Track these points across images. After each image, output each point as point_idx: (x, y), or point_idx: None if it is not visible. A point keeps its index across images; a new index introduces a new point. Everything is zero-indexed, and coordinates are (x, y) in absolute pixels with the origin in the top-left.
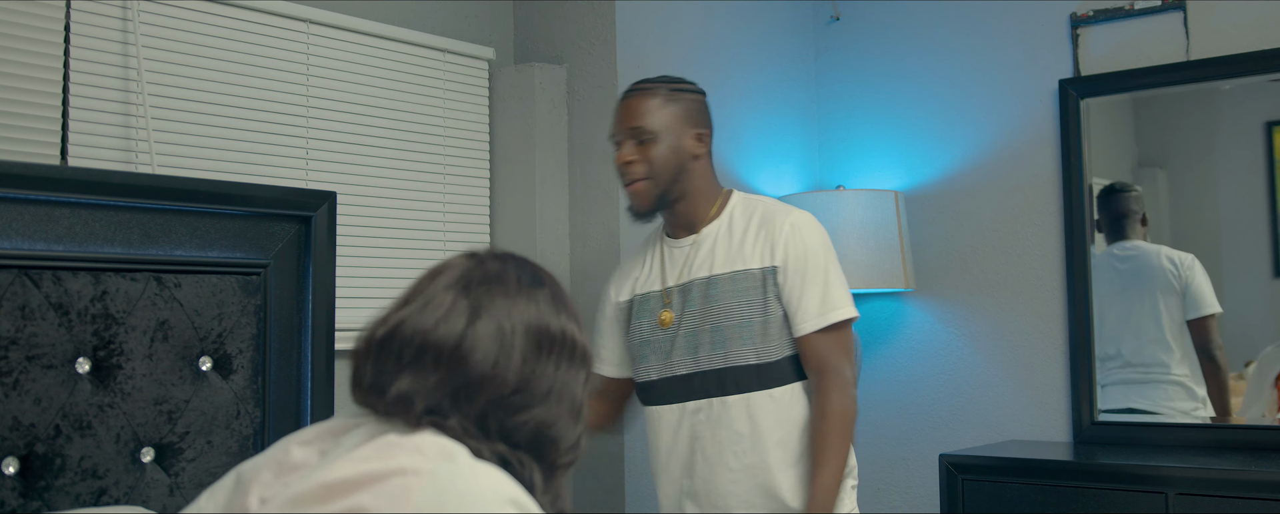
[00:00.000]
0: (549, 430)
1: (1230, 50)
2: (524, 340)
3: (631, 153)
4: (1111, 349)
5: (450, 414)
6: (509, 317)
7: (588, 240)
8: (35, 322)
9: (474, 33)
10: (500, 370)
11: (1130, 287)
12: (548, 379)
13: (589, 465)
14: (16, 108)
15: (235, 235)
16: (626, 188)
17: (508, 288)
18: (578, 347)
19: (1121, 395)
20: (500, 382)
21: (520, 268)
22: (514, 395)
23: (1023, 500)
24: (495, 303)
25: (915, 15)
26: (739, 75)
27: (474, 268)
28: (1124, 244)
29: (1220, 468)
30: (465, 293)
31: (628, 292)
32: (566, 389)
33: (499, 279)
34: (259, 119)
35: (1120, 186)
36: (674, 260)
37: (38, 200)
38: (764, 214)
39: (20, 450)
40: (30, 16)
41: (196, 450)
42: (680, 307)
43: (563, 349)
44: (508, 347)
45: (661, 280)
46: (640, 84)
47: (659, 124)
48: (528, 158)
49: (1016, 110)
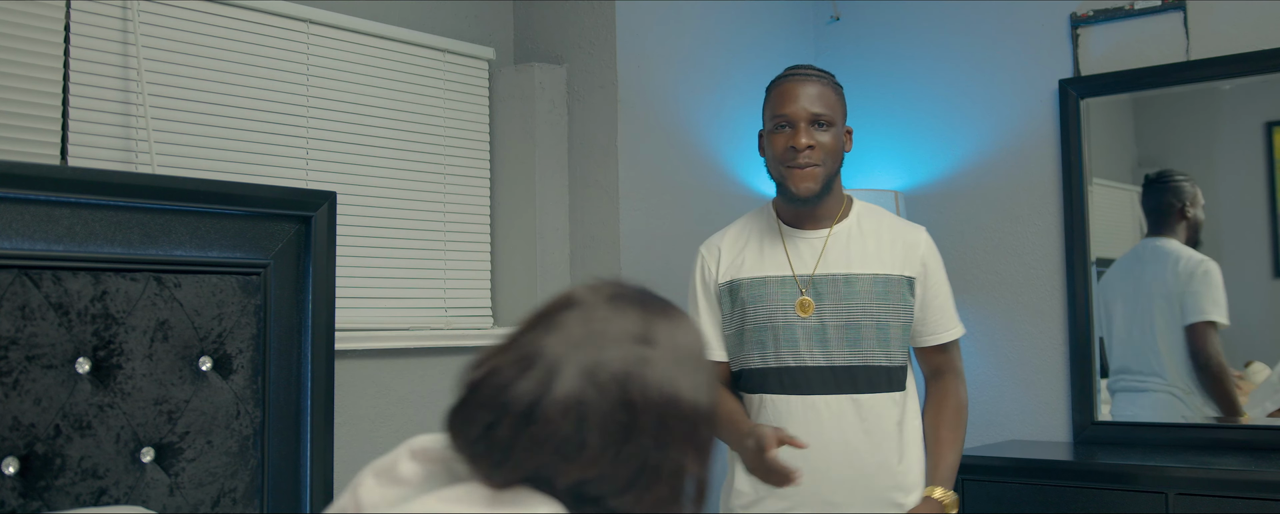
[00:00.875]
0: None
1: (1230, 50)
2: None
3: (811, 137)
4: (1117, 357)
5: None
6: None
7: (588, 240)
8: (35, 322)
9: (474, 33)
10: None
11: (1138, 289)
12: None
13: None
14: (16, 108)
15: (235, 235)
16: (796, 171)
17: (605, 341)
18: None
19: (1118, 403)
20: (591, 458)
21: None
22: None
23: (1023, 500)
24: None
25: (915, 15)
26: (739, 75)
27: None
28: (1154, 241)
29: (1220, 468)
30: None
31: (729, 273)
32: (685, 468)
33: (599, 336)
34: (259, 119)
35: (1163, 176)
36: (800, 251)
37: (38, 200)
38: (894, 223)
39: (20, 450)
40: (30, 16)
41: (196, 450)
42: (815, 298)
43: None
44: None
45: (789, 267)
46: (807, 70)
47: (834, 112)
48: (528, 158)
49: (1016, 110)
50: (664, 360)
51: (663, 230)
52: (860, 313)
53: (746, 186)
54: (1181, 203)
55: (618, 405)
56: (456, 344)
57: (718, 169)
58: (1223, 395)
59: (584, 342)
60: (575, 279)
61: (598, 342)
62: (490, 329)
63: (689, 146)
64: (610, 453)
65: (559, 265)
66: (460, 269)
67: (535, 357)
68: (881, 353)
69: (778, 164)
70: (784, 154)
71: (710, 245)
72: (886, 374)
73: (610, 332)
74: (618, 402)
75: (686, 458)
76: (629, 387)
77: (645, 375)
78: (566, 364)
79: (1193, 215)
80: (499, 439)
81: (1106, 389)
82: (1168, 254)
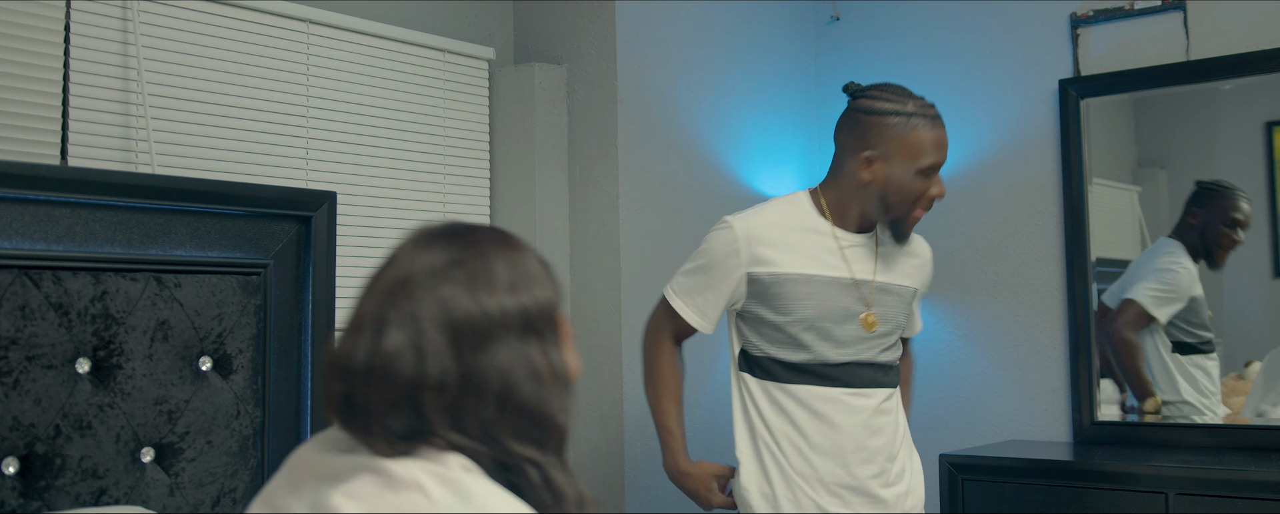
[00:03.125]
0: (523, 409)
1: (1230, 50)
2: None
3: (941, 186)
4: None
5: (429, 432)
6: (414, 320)
7: (588, 240)
8: (35, 322)
9: (474, 33)
10: (427, 373)
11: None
12: (489, 364)
13: (589, 465)
14: (16, 108)
15: (235, 235)
16: (915, 216)
17: (413, 286)
18: (513, 317)
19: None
20: (436, 384)
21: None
22: (464, 392)
23: (1023, 500)
24: (399, 307)
25: (915, 15)
26: (739, 75)
27: (387, 269)
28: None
29: (1220, 468)
30: (381, 305)
31: (768, 266)
32: (520, 364)
33: (406, 282)
34: (259, 119)
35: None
36: (849, 256)
37: (38, 200)
38: (915, 238)
39: (20, 450)
40: (30, 16)
41: (196, 450)
42: (877, 306)
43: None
44: (425, 348)
45: (848, 269)
46: (934, 109)
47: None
48: (528, 158)
49: (1016, 110)
50: (469, 280)
51: (663, 230)
52: (894, 324)
53: (747, 186)
54: (1199, 211)
55: (442, 332)
56: None
57: (718, 169)
58: (1129, 373)
59: (396, 287)
60: (575, 279)
61: (407, 284)
62: None
63: (689, 146)
64: (454, 378)
65: (559, 265)
66: None
67: (361, 317)
68: (894, 352)
69: (906, 203)
70: (922, 200)
71: (748, 231)
72: (894, 371)
73: (417, 270)
74: (442, 329)
75: (527, 352)
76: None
77: (455, 299)
78: (387, 312)
79: (1149, 221)
80: (358, 404)
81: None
82: (1160, 245)
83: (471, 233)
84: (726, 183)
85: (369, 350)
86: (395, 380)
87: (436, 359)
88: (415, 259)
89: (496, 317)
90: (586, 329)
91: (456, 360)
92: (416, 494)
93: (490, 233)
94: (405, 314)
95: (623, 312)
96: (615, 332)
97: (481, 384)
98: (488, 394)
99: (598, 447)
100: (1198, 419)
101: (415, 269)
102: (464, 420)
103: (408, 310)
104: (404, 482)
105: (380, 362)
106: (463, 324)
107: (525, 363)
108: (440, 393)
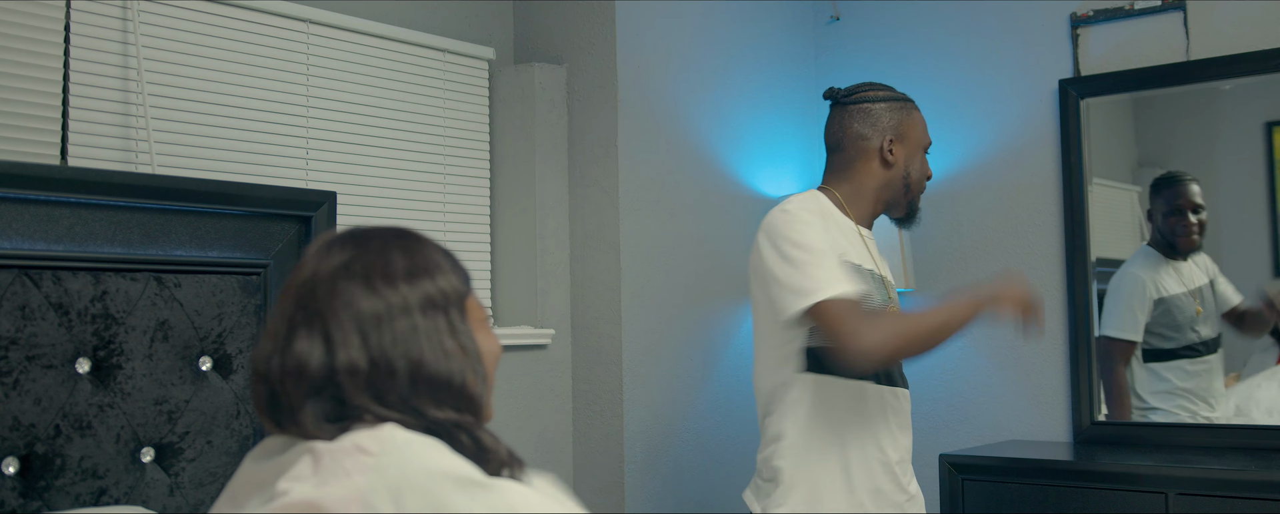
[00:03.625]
0: (436, 380)
1: (1230, 50)
2: (345, 328)
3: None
4: None
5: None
6: (321, 317)
7: (588, 240)
8: (35, 322)
9: (474, 33)
10: (337, 362)
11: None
12: (394, 345)
13: (589, 465)
14: (16, 108)
15: (235, 235)
16: (918, 197)
17: (317, 288)
18: (414, 301)
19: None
20: (348, 370)
21: (334, 253)
22: (376, 373)
23: (1023, 500)
24: (306, 308)
25: (915, 15)
26: (739, 75)
27: (295, 275)
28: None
29: (1220, 468)
30: (290, 309)
31: (848, 254)
32: (425, 342)
33: (310, 285)
34: (259, 119)
35: (1166, 178)
36: (862, 250)
37: (38, 200)
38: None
39: (20, 450)
40: (30, 16)
41: (196, 450)
42: (893, 296)
43: (390, 315)
44: (334, 340)
45: (874, 263)
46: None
47: None
48: (528, 158)
49: (1016, 110)
50: (366, 274)
51: (663, 230)
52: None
53: (747, 187)
54: (1153, 207)
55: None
56: None
57: (718, 169)
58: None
59: (302, 291)
60: (575, 279)
61: (312, 286)
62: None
63: (689, 146)
64: (364, 363)
65: (559, 265)
66: None
67: (275, 322)
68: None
69: (922, 184)
70: (920, 183)
71: (815, 211)
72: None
73: (321, 273)
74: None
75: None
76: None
77: (356, 292)
78: (295, 314)
79: (1163, 219)
80: (283, 402)
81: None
82: (1125, 264)
83: (369, 233)
84: (726, 183)
85: (282, 351)
86: (309, 374)
87: (345, 349)
88: (319, 264)
89: (397, 303)
90: (587, 329)
91: (364, 346)
92: (357, 456)
93: (388, 231)
94: (312, 313)
95: (623, 312)
96: (615, 331)
97: (390, 364)
98: (398, 372)
99: (598, 446)
100: (1174, 421)
101: (319, 272)
102: (385, 396)
103: (314, 310)
104: (343, 449)
105: (293, 361)
106: (365, 314)
107: (430, 340)
108: (353, 376)
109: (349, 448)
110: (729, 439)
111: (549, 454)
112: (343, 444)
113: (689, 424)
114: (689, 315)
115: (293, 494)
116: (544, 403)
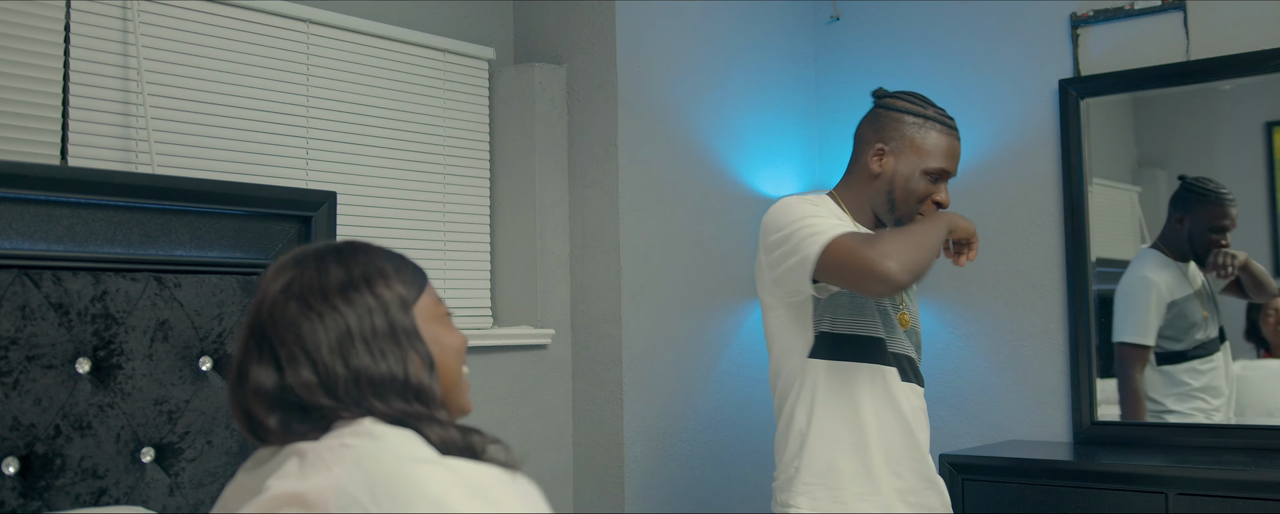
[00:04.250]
0: (384, 380)
1: (1230, 50)
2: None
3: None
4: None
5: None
6: (269, 343)
7: (588, 240)
8: (35, 322)
9: (474, 33)
10: (288, 381)
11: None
12: (335, 355)
13: (589, 465)
14: (16, 108)
15: (235, 235)
16: (908, 216)
17: (263, 315)
18: (352, 313)
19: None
20: (303, 385)
21: (277, 279)
22: (330, 381)
23: (1023, 500)
24: (257, 335)
25: (915, 15)
26: (739, 75)
27: (253, 307)
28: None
29: (1220, 468)
30: (245, 336)
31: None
32: (365, 347)
33: (257, 313)
34: (259, 119)
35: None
36: None
37: (38, 200)
38: None
39: (20, 450)
40: (30, 16)
41: (196, 450)
42: (908, 304)
43: (329, 329)
44: (282, 362)
45: None
46: (953, 121)
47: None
48: (528, 158)
49: (1016, 110)
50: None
51: (663, 230)
52: (917, 319)
53: (747, 186)
54: (1184, 213)
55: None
56: None
57: (718, 169)
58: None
59: (252, 320)
60: (575, 279)
61: (259, 314)
62: (490, 329)
63: (689, 146)
64: (310, 375)
65: (559, 265)
66: (460, 269)
67: (237, 350)
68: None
69: (910, 202)
70: (925, 204)
71: (810, 198)
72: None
73: (266, 301)
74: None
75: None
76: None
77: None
78: (249, 343)
79: (1148, 223)
80: (257, 419)
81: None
82: (1131, 265)
83: (308, 254)
84: (726, 183)
85: (242, 378)
86: (266, 394)
87: (292, 368)
88: (267, 288)
89: (332, 318)
90: (587, 329)
91: (309, 363)
92: (338, 450)
93: (328, 248)
94: (262, 339)
95: (622, 312)
96: (615, 331)
97: (332, 373)
98: (340, 378)
99: (598, 446)
100: (1179, 421)
101: (266, 297)
102: (340, 399)
103: (263, 335)
104: (326, 445)
105: (251, 385)
106: (304, 333)
107: (368, 346)
108: (307, 389)
109: (333, 444)
110: (729, 439)
111: (549, 454)
112: (327, 442)
113: (689, 424)
114: (689, 315)
115: (275, 490)
116: (544, 403)
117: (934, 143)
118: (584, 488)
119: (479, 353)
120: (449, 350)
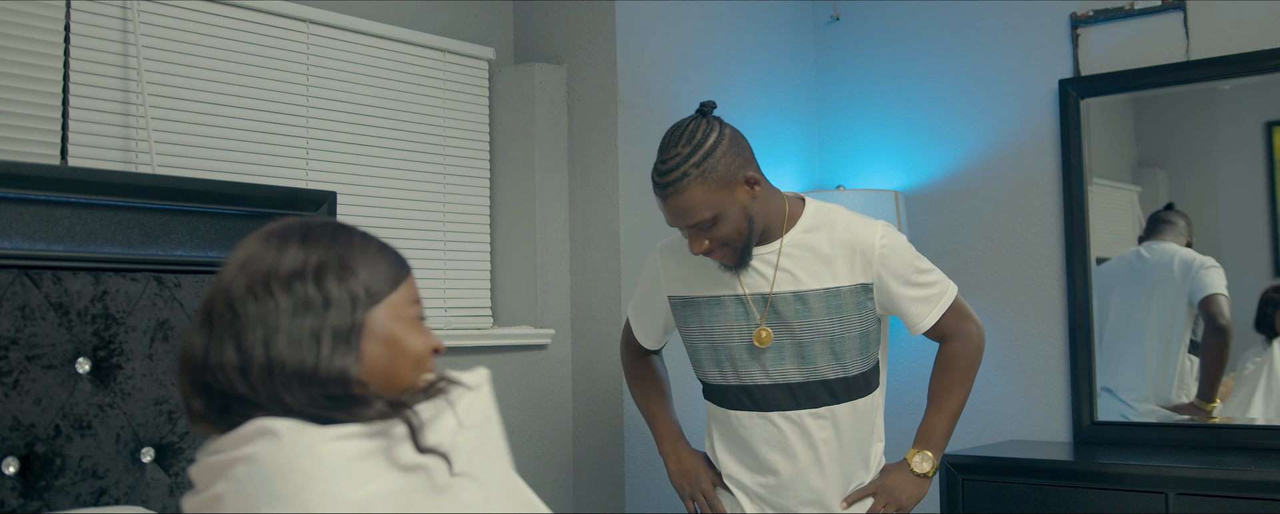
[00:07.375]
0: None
1: (1230, 50)
2: (226, 329)
3: (702, 242)
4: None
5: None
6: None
7: (588, 240)
8: (35, 322)
9: (474, 33)
10: (217, 357)
11: (1142, 290)
12: (257, 345)
13: (589, 465)
14: (16, 108)
15: (235, 235)
16: (714, 254)
17: (230, 287)
18: (289, 303)
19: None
20: (218, 366)
21: (242, 247)
22: (247, 370)
23: (1023, 500)
24: (208, 306)
25: (915, 15)
26: (739, 75)
27: (219, 272)
28: (1151, 245)
29: (1220, 468)
30: (207, 300)
31: (680, 288)
32: (286, 340)
33: (228, 280)
34: (259, 119)
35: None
36: (751, 269)
37: (38, 200)
38: (847, 226)
39: (20, 450)
40: (30, 16)
41: (197, 450)
42: (773, 317)
43: (266, 317)
44: (214, 338)
45: (736, 286)
46: (667, 176)
47: (711, 208)
48: (528, 158)
49: (1016, 110)
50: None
51: (663, 230)
52: (813, 332)
53: None
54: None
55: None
56: (456, 344)
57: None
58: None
59: (208, 300)
60: (575, 278)
61: (214, 296)
62: (490, 329)
63: None
64: (234, 360)
65: (559, 265)
66: (460, 269)
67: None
68: (836, 366)
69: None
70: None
71: (664, 253)
72: (844, 385)
73: (222, 282)
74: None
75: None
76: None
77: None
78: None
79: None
80: (185, 395)
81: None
82: (1167, 251)
83: (281, 231)
84: None
85: (184, 352)
86: (191, 365)
87: (217, 347)
88: (232, 258)
89: (269, 306)
90: (587, 329)
91: (236, 343)
92: (241, 446)
93: (303, 228)
94: (209, 309)
95: (622, 312)
96: (615, 331)
97: (250, 357)
98: (260, 364)
99: (598, 446)
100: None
101: (227, 269)
102: (256, 386)
103: (210, 305)
104: (231, 441)
105: (184, 350)
106: (241, 314)
107: (294, 336)
108: (226, 370)
109: (236, 439)
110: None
111: (549, 454)
112: (231, 438)
113: (689, 424)
114: None
115: (191, 499)
116: (544, 403)
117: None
118: (584, 488)
119: (479, 353)
120: (405, 354)
